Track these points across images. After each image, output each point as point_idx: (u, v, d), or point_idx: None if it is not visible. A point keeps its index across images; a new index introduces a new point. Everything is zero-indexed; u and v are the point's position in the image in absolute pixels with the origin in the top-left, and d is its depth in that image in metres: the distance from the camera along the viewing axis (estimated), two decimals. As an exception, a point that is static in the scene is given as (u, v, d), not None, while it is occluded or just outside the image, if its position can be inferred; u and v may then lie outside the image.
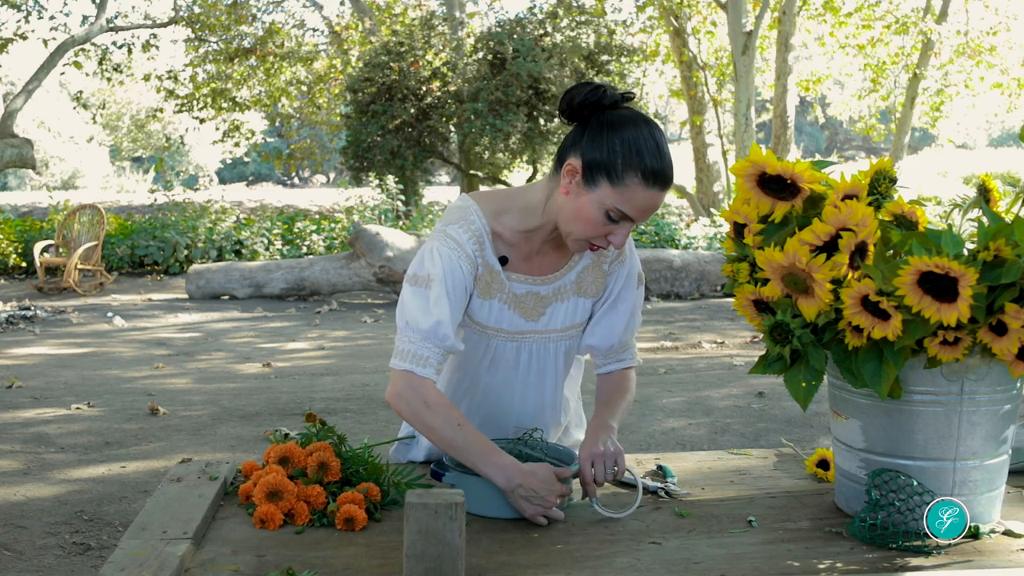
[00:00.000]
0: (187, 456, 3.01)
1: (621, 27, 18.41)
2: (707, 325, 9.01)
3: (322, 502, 1.61)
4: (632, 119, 1.65)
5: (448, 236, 1.74)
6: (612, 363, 1.93)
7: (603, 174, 1.63)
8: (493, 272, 1.78)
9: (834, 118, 30.18)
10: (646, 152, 1.61)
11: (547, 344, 1.86)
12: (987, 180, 1.57)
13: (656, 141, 1.63)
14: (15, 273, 13.40)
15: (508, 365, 1.86)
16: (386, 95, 16.41)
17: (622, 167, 1.61)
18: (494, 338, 1.83)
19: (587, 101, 1.66)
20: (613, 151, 1.62)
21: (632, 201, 1.63)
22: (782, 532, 1.56)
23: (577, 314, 1.87)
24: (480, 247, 1.75)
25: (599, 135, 1.64)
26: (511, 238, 1.79)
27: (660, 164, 1.62)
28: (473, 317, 1.81)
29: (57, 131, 38.07)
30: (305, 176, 40.94)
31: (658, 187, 1.63)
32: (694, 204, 18.23)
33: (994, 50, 18.80)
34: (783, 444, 2.12)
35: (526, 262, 1.81)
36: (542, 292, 1.82)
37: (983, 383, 1.49)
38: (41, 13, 18.44)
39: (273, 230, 13.83)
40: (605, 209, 1.64)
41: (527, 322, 1.83)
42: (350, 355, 7.46)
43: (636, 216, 1.65)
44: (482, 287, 1.78)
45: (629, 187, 1.62)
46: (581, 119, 1.68)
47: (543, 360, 1.87)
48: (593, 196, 1.64)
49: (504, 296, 1.80)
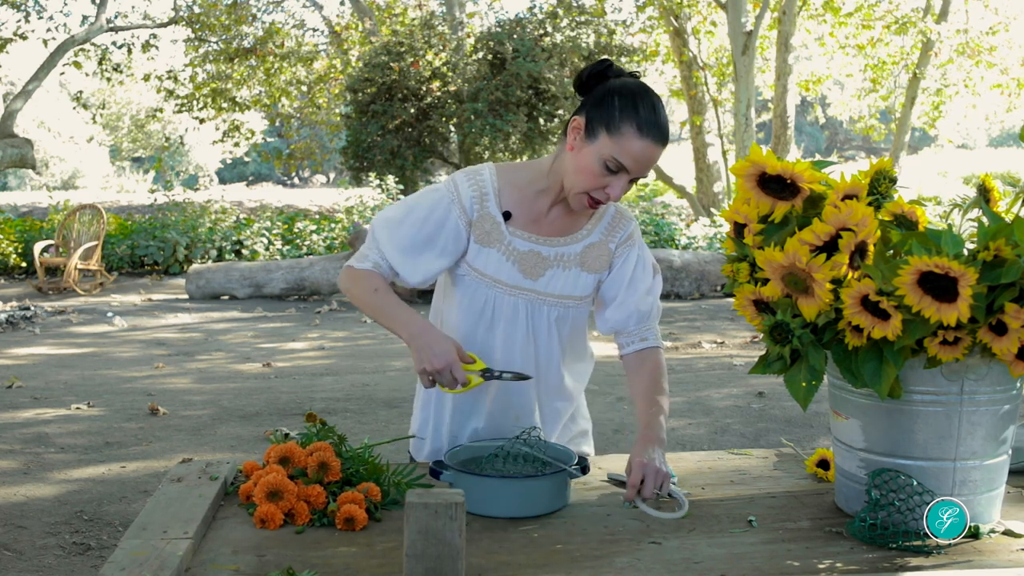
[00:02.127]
0: (187, 456, 3.01)
1: (621, 27, 18.39)
2: (707, 325, 9.01)
3: (322, 502, 1.61)
4: (634, 84, 1.80)
5: (452, 181, 1.91)
6: (636, 342, 1.96)
7: (602, 126, 1.77)
8: (494, 222, 1.89)
9: (834, 118, 30.19)
10: (641, 106, 1.76)
11: (542, 306, 1.92)
12: (987, 180, 1.57)
13: (652, 101, 1.77)
14: (15, 273, 13.40)
15: (507, 321, 1.91)
16: (386, 95, 16.41)
17: (619, 118, 1.75)
18: (492, 288, 1.90)
19: (594, 72, 1.82)
20: (612, 105, 1.77)
21: (628, 150, 1.75)
22: (782, 532, 1.56)
23: (578, 286, 1.93)
24: (481, 199, 1.89)
25: (602, 96, 1.79)
26: (520, 196, 1.91)
27: (654, 117, 1.76)
28: (472, 263, 1.90)
29: (57, 131, 38.06)
30: (305, 176, 40.94)
31: (651, 138, 1.75)
32: (694, 204, 18.24)
33: (994, 50, 18.79)
34: (783, 444, 2.12)
35: (533, 223, 1.91)
36: (544, 252, 1.91)
37: (983, 383, 1.49)
38: (41, 13, 18.43)
39: (273, 230, 13.83)
40: (603, 159, 1.77)
41: (525, 279, 1.90)
42: (350, 355, 7.46)
43: (631, 166, 1.76)
44: (479, 234, 1.89)
45: (625, 135, 1.75)
46: (589, 89, 1.83)
47: (537, 321, 1.92)
48: (593, 148, 1.78)
49: (503, 248, 1.89)
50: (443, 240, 1.88)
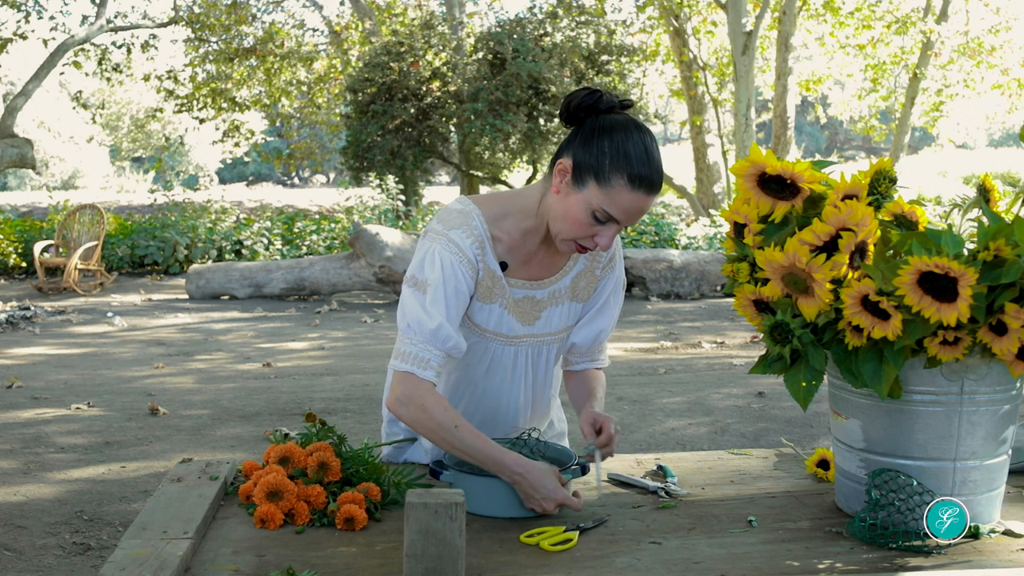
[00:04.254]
0: (187, 456, 3.01)
1: (621, 27, 18.40)
2: (707, 325, 9.01)
3: (322, 502, 1.61)
4: (624, 124, 1.68)
5: (450, 240, 1.75)
6: (586, 362, 2.00)
7: (591, 175, 1.66)
8: (495, 277, 1.80)
9: (834, 118, 30.18)
10: (634, 156, 1.64)
11: (541, 347, 1.91)
12: (987, 180, 1.57)
13: (645, 146, 1.66)
14: (15, 273, 13.40)
15: (505, 369, 1.89)
16: (386, 95, 16.41)
17: (609, 169, 1.64)
18: (492, 342, 1.85)
19: (583, 104, 1.70)
20: (602, 152, 1.65)
21: (617, 203, 1.65)
22: (782, 532, 1.56)
23: (570, 318, 1.92)
24: (482, 251, 1.77)
25: (590, 137, 1.67)
26: (510, 241, 1.81)
27: (647, 169, 1.65)
28: (473, 319, 1.82)
29: (57, 131, 38.04)
30: (305, 176, 40.95)
31: (643, 191, 1.65)
32: (694, 204, 18.24)
33: (995, 50, 18.79)
34: (783, 444, 2.12)
35: (524, 266, 1.84)
36: (538, 296, 1.86)
37: (983, 383, 1.49)
38: (41, 13, 18.42)
39: (273, 230, 13.82)
40: (592, 209, 1.67)
41: (523, 326, 1.86)
42: (350, 355, 7.46)
43: (621, 218, 1.67)
44: (483, 291, 1.80)
45: (615, 188, 1.64)
46: (577, 122, 1.72)
47: (537, 363, 1.92)
48: (581, 196, 1.67)
49: (504, 301, 1.83)
50: (466, 303, 1.78)
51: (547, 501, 1.60)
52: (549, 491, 1.60)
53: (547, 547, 1.48)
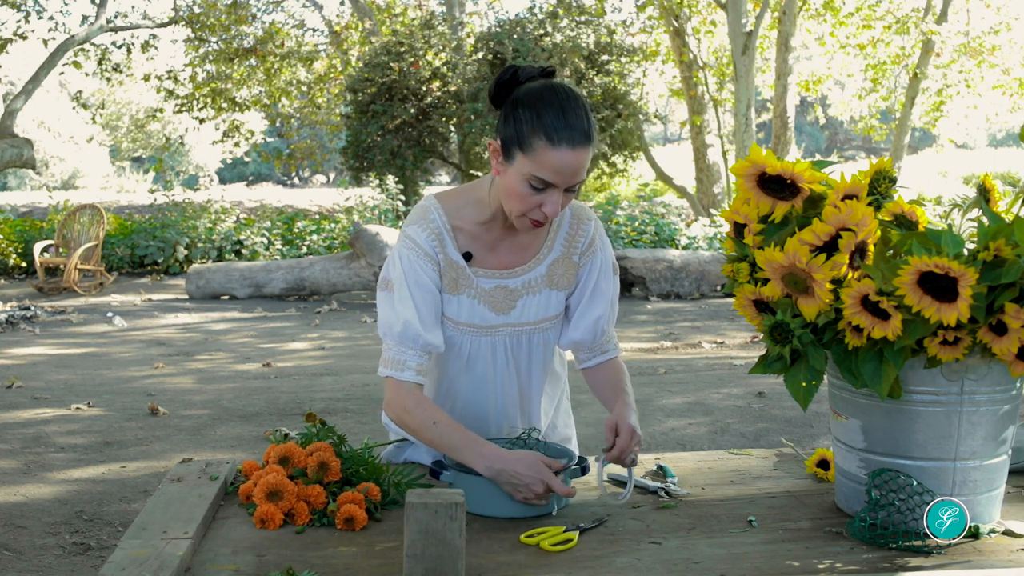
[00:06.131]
0: (187, 456, 3.01)
1: (621, 27, 18.39)
2: (707, 325, 9.01)
3: (322, 502, 1.61)
4: (537, 90, 1.68)
5: (407, 236, 1.80)
6: (597, 356, 1.96)
7: (516, 146, 1.67)
8: (458, 268, 1.81)
9: (834, 118, 30.19)
10: (547, 114, 1.63)
11: (520, 337, 1.88)
12: (987, 180, 1.57)
13: (559, 103, 1.65)
14: (15, 273, 13.39)
15: (485, 361, 1.88)
16: (386, 95, 16.41)
17: (528, 134, 1.65)
18: (467, 334, 1.85)
19: (500, 81, 1.72)
20: (519, 121, 1.66)
21: (545, 165, 1.64)
22: (782, 532, 1.56)
23: (551, 306, 1.89)
24: (440, 243, 1.79)
25: (509, 112, 1.69)
26: (472, 231, 1.82)
27: (562, 123, 1.63)
28: (444, 312, 1.84)
29: (57, 131, 38.03)
30: (305, 176, 40.93)
31: (565, 145, 1.63)
32: (694, 204, 18.23)
33: (995, 50, 18.78)
34: (783, 444, 2.12)
35: (492, 254, 1.84)
36: (511, 285, 1.85)
37: (983, 383, 1.49)
38: (41, 13, 18.42)
39: (273, 230, 13.82)
40: (526, 179, 1.67)
41: (498, 316, 1.85)
42: (350, 355, 7.46)
43: (555, 179, 1.66)
44: (448, 283, 1.82)
45: (538, 151, 1.64)
46: (501, 102, 1.73)
47: (518, 354, 1.90)
48: (514, 169, 1.68)
49: (472, 291, 1.83)
50: (435, 296, 1.80)
51: (534, 485, 1.58)
52: (531, 476, 1.58)
53: (547, 547, 1.49)
